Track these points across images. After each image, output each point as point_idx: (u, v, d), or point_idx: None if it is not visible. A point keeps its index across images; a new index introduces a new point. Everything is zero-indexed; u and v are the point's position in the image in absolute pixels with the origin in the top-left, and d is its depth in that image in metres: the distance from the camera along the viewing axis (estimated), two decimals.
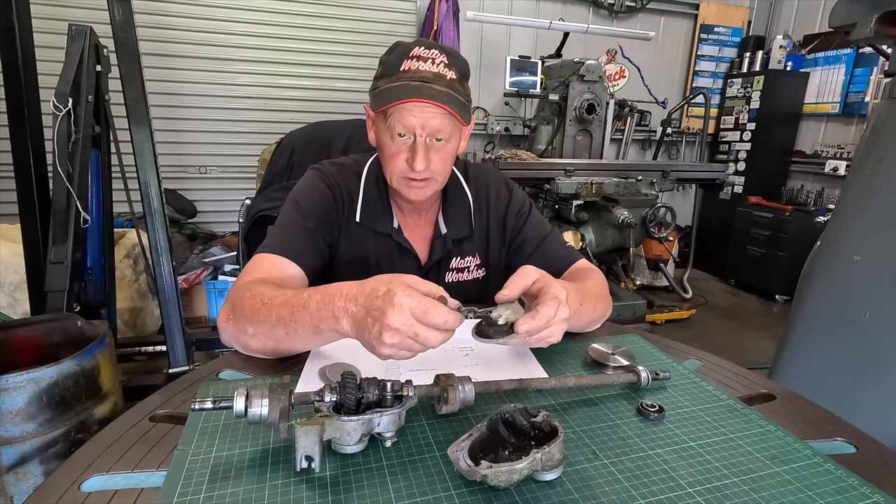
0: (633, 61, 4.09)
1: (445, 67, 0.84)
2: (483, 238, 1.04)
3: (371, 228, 0.97)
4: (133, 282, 2.68)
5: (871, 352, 1.40)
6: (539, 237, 1.02)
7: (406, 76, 0.82)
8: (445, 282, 1.02)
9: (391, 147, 0.86)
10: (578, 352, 0.80)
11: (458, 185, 1.03)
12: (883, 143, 1.42)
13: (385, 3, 3.74)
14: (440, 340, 0.59)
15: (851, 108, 4.03)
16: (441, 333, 0.59)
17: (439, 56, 0.84)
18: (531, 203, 1.07)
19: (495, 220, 1.04)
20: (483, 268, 1.05)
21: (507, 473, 0.45)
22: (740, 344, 3.15)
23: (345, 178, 0.98)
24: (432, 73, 0.83)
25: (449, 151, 0.89)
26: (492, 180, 1.07)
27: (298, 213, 0.91)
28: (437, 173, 0.89)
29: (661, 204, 2.77)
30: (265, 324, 0.69)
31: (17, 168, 1.83)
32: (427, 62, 0.83)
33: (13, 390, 1.29)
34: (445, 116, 0.83)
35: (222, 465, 0.50)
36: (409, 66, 0.83)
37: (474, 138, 4.24)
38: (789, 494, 0.48)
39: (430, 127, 0.83)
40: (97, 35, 1.89)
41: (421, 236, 1.01)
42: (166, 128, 3.32)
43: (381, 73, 0.87)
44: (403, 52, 0.84)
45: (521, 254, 1.02)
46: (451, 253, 1.01)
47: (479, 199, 1.04)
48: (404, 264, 0.99)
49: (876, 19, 1.36)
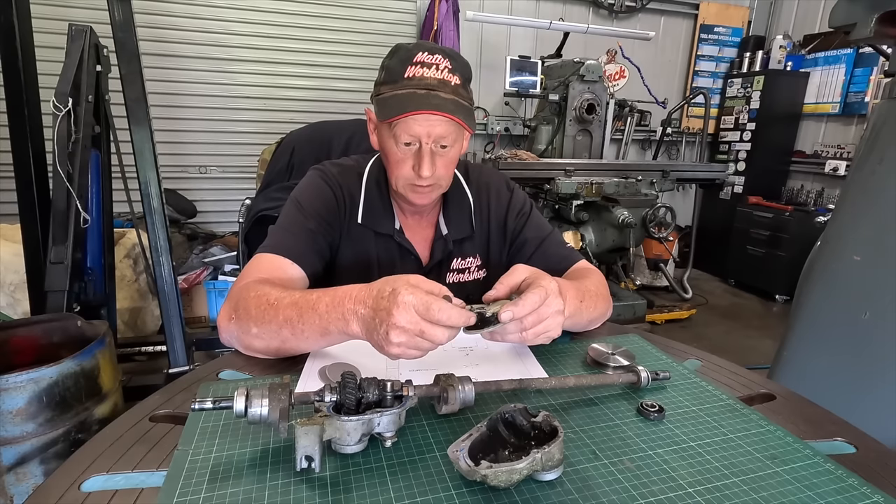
0: (633, 61, 4.09)
1: (450, 73, 0.84)
2: (484, 239, 1.04)
3: (372, 230, 0.97)
4: (133, 282, 2.68)
5: (872, 352, 1.40)
6: (539, 237, 1.02)
7: (411, 84, 0.82)
8: (447, 283, 1.02)
9: (397, 154, 0.86)
10: (578, 352, 0.80)
11: (459, 187, 1.04)
12: (883, 143, 1.42)
13: (385, 3, 3.74)
14: (446, 337, 0.59)
15: (851, 108, 4.03)
16: (446, 330, 0.59)
17: (443, 61, 0.83)
18: (532, 204, 1.07)
19: (496, 221, 1.04)
20: (484, 268, 1.05)
21: (508, 473, 0.45)
22: (740, 344, 3.14)
23: (346, 179, 0.98)
24: (437, 80, 0.82)
25: (453, 156, 0.89)
26: (492, 181, 1.07)
27: (300, 213, 0.91)
28: (442, 178, 0.89)
29: (661, 204, 2.77)
30: (271, 324, 0.69)
31: (17, 168, 1.83)
32: (431, 68, 0.83)
33: (13, 390, 1.29)
34: (451, 123, 0.83)
35: (222, 465, 0.50)
36: (413, 72, 0.82)
37: (474, 138, 4.24)
38: (789, 494, 0.48)
39: (435, 135, 0.84)
40: (97, 35, 1.89)
41: (422, 237, 1.01)
42: (166, 128, 3.32)
43: (385, 78, 0.86)
44: (406, 56, 0.84)
45: (522, 254, 1.02)
46: (451, 254, 1.02)
47: (479, 200, 1.04)
48: (405, 265, 0.99)
49: (876, 19, 1.36)
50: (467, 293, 1.04)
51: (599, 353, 0.74)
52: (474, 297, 1.05)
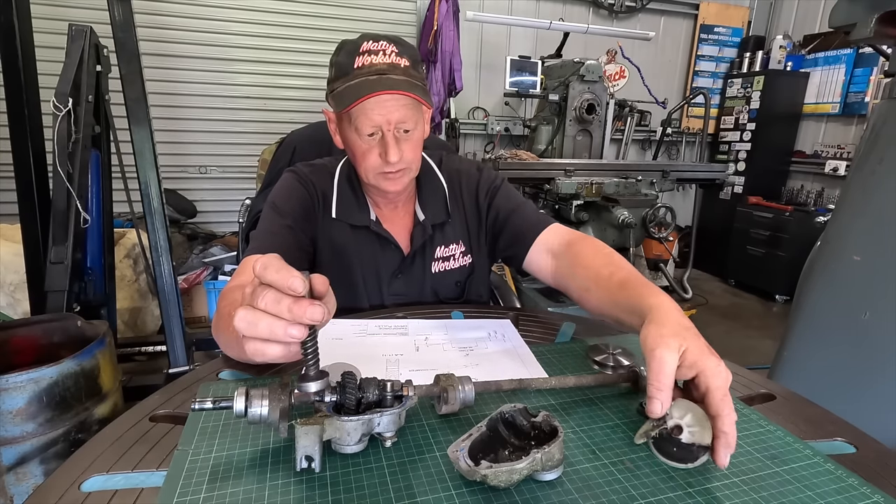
0: (632, 61, 4.09)
1: (397, 56, 0.85)
2: (462, 222, 1.05)
3: (348, 223, 0.98)
4: (133, 282, 2.68)
5: (871, 352, 1.40)
6: (510, 207, 1.02)
7: (362, 73, 0.83)
8: (433, 272, 1.03)
9: (361, 146, 0.88)
10: (578, 352, 0.80)
11: (431, 172, 1.06)
12: (883, 143, 1.42)
13: (385, 3, 3.74)
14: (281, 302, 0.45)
15: (851, 109, 4.03)
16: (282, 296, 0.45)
17: (389, 46, 0.85)
18: (503, 178, 1.08)
19: (469, 201, 1.05)
20: (469, 254, 1.06)
21: (508, 473, 0.45)
22: (740, 344, 3.15)
23: (319, 177, 1.00)
24: (387, 65, 0.84)
25: (417, 139, 0.91)
26: (463, 167, 1.09)
27: (277, 214, 0.93)
28: (411, 162, 0.91)
29: (661, 204, 2.76)
30: (225, 334, 0.67)
31: (17, 168, 1.83)
32: (379, 55, 0.84)
33: (13, 390, 1.29)
34: (408, 106, 0.85)
35: (222, 465, 0.50)
36: (361, 61, 0.84)
37: (474, 138, 4.24)
38: (789, 494, 0.48)
39: (395, 119, 0.85)
40: (97, 35, 1.89)
41: (401, 226, 1.02)
42: (166, 128, 3.32)
43: (336, 74, 0.87)
44: (353, 48, 0.85)
45: (497, 224, 1.03)
46: (433, 240, 1.02)
47: (452, 184, 1.06)
48: (386, 255, 1.01)
49: (876, 19, 1.36)
50: (454, 281, 1.05)
51: (599, 353, 0.74)
52: (462, 284, 1.05)
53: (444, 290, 1.05)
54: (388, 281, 1.02)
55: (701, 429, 0.52)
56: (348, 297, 1.00)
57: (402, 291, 1.03)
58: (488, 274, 1.14)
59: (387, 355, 0.75)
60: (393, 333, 0.84)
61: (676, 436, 0.52)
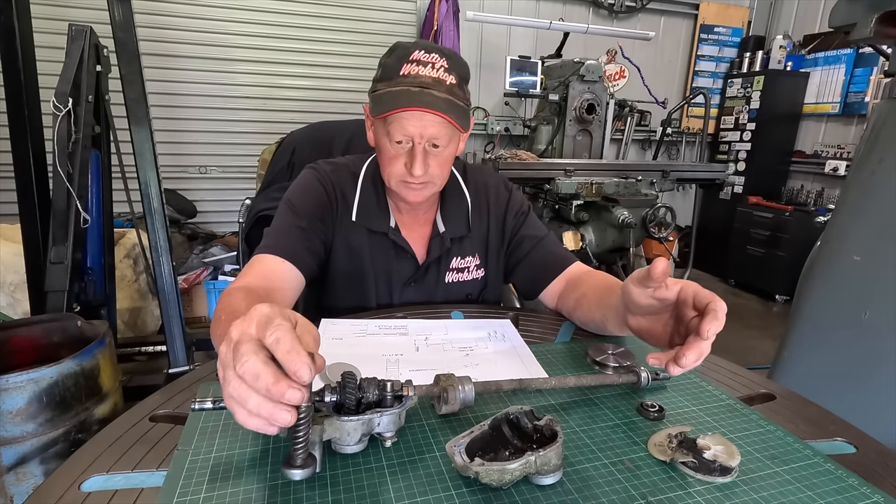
0: (633, 61, 4.09)
1: (445, 72, 0.83)
2: (483, 238, 1.05)
3: (367, 227, 0.97)
4: (133, 282, 2.68)
5: (871, 352, 1.40)
6: (538, 237, 1.03)
7: (406, 81, 0.82)
8: (446, 282, 1.02)
9: (390, 151, 0.87)
10: (578, 352, 0.80)
11: (457, 185, 1.04)
12: (883, 143, 1.42)
13: (385, 3, 3.74)
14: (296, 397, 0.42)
15: (851, 108, 4.03)
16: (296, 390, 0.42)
17: (439, 60, 0.83)
18: (529, 205, 1.08)
19: (495, 220, 1.05)
20: (482, 268, 1.05)
21: (499, 473, 0.45)
22: (740, 344, 3.15)
23: (340, 177, 0.98)
24: (432, 79, 0.82)
25: (447, 156, 0.89)
26: (491, 181, 1.07)
27: (292, 212, 0.92)
28: (435, 177, 0.89)
29: (661, 204, 2.76)
30: (219, 341, 0.64)
31: (17, 168, 1.83)
32: (427, 67, 0.82)
33: (13, 390, 1.29)
34: (443, 125, 0.83)
35: (222, 465, 0.50)
36: (408, 70, 0.82)
37: (474, 138, 4.24)
38: (789, 494, 0.48)
39: (428, 134, 0.84)
40: (97, 35, 1.89)
41: (419, 235, 1.01)
42: (166, 128, 3.32)
43: (381, 75, 0.86)
44: (403, 54, 0.84)
45: (520, 251, 1.03)
46: (450, 252, 1.02)
47: (478, 199, 1.04)
48: (401, 263, 1.00)
49: (876, 19, 1.36)
50: (466, 293, 1.04)
51: (599, 353, 0.74)
52: (473, 295, 1.06)
53: (455, 300, 1.05)
54: (401, 288, 1.01)
55: (727, 456, 0.52)
56: (358, 300, 0.99)
57: (413, 299, 1.02)
58: (500, 288, 1.13)
59: (387, 355, 0.75)
60: (393, 333, 0.84)
61: (702, 449, 0.52)
